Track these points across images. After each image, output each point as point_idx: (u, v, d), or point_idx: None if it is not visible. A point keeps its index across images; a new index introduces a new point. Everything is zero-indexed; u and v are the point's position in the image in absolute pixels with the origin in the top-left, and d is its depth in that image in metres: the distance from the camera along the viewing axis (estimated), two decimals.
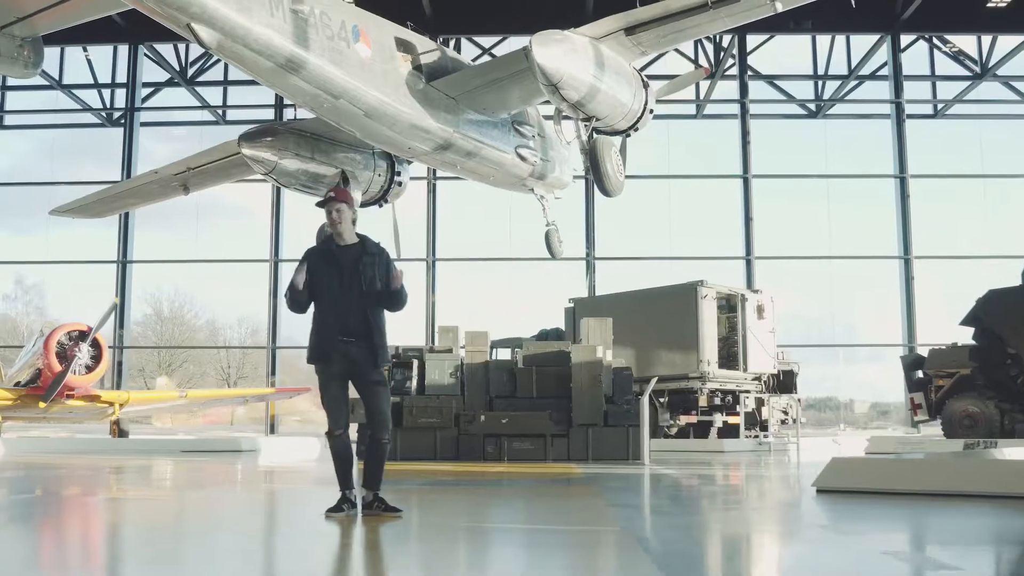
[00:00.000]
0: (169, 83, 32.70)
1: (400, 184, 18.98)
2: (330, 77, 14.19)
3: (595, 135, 16.48)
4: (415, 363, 17.07)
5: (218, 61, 31.86)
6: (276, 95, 31.37)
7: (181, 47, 31.71)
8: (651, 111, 16.67)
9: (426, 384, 16.89)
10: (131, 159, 31.47)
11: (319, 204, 7.01)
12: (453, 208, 31.66)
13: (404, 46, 15.76)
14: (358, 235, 7.10)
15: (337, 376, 7.00)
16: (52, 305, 33.77)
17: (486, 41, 31.25)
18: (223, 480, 12.70)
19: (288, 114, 30.87)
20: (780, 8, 15.09)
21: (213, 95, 32.85)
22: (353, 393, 7.15)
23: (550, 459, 15.95)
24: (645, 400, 15.29)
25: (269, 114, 31.77)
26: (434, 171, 29.49)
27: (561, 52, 14.68)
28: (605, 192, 16.95)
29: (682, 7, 15.38)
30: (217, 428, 33.44)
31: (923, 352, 22.19)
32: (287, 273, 31.08)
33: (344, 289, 6.87)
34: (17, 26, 14.05)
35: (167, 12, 12.30)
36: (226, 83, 32.66)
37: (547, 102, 16.31)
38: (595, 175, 16.78)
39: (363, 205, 18.54)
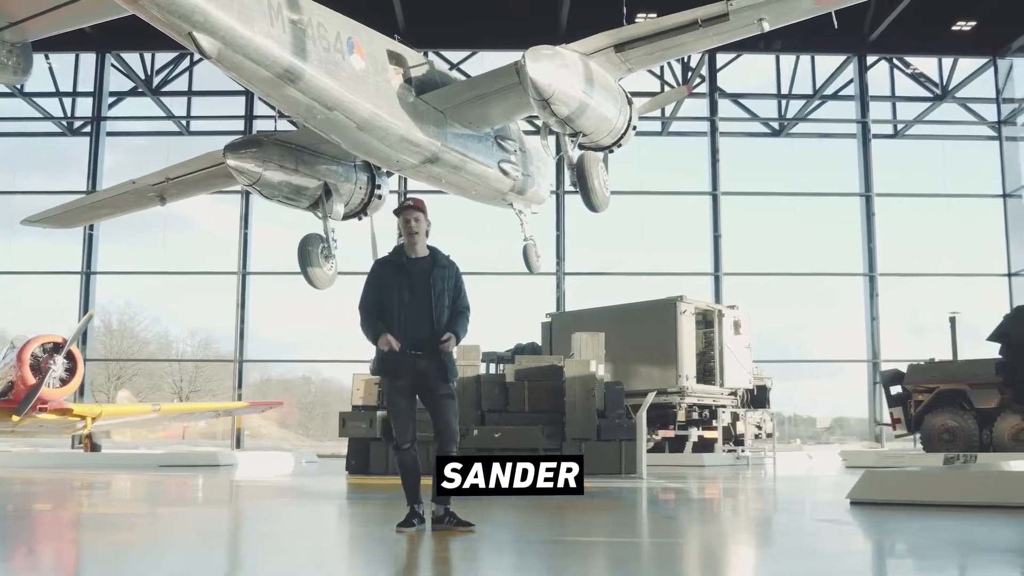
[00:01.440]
0: (132, 92, 32.29)
1: (380, 197, 18.84)
2: (326, 88, 14.08)
3: (581, 150, 16.53)
4: None
5: (184, 72, 31.68)
6: (244, 107, 31.23)
7: (147, 56, 31.34)
8: (634, 128, 16.74)
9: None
10: (96, 169, 31.02)
11: (396, 212, 6.96)
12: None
13: (396, 59, 15.72)
14: (428, 247, 7.04)
15: (405, 390, 6.95)
16: None
17: (455, 56, 31.26)
18: (249, 496, 12.60)
19: (257, 126, 30.71)
20: (767, 28, 15.21)
21: (177, 106, 32.46)
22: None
23: None
24: (643, 414, 15.35)
25: (236, 125, 31.44)
26: (405, 184, 29.43)
27: (553, 67, 14.65)
28: (592, 207, 16.91)
29: (673, 25, 15.48)
30: (174, 443, 32.98)
31: (902, 367, 22.44)
32: (255, 286, 30.97)
33: (415, 302, 6.81)
34: (7, 31, 13.81)
35: (169, 20, 12.14)
36: (190, 94, 32.31)
37: (533, 117, 16.35)
38: (582, 190, 16.73)
39: (344, 218, 18.44)
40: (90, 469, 18.67)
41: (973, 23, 29.87)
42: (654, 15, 25.26)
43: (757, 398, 24.13)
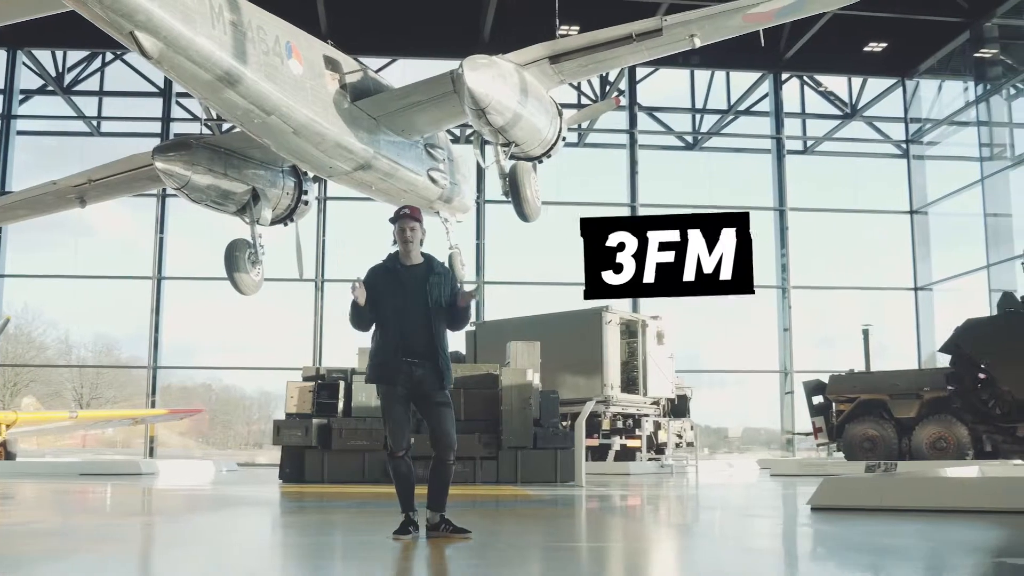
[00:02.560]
0: (41, 91, 31.42)
1: (306, 203, 18.71)
2: (264, 93, 14.00)
3: (512, 160, 16.64)
4: (341, 385, 16.85)
5: (96, 71, 30.94)
6: (162, 109, 30.63)
7: (59, 54, 30.54)
8: (564, 138, 16.95)
9: (353, 406, 16.68)
10: (7, 168, 30.05)
11: (391, 220, 6.91)
12: (343, 228, 31.27)
13: (332, 64, 15.68)
14: (423, 255, 7.01)
15: (401, 397, 6.92)
16: None
17: (374, 63, 31.03)
18: (204, 507, 12.27)
19: (174, 129, 30.18)
20: (698, 44, 15.59)
21: (88, 106, 31.62)
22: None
23: (479, 481, 15.98)
24: (581, 423, 15.48)
25: (149, 127, 30.80)
26: (325, 190, 29.16)
27: (490, 77, 14.75)
28: (524, 217, 17.05)
29: (608, 39, 15.71)
30: (76, 451, 32.07)
31: (823, 378, 23.00)
32: (169, 291, 30.31)
33: (410, 309, 6.76)
34: None
35: (112, 19, 11.93)
36: (102, 94, 31.54)
37: (464, 125, 16.41)
38: (514, 200, 16.84)
39: (271, 224, 18.24)
40: (9, 478, 18.03)
41: (884, 45, 30.84)
42: (576, 28, 25.64)
43: (678, 407, 24.51)
